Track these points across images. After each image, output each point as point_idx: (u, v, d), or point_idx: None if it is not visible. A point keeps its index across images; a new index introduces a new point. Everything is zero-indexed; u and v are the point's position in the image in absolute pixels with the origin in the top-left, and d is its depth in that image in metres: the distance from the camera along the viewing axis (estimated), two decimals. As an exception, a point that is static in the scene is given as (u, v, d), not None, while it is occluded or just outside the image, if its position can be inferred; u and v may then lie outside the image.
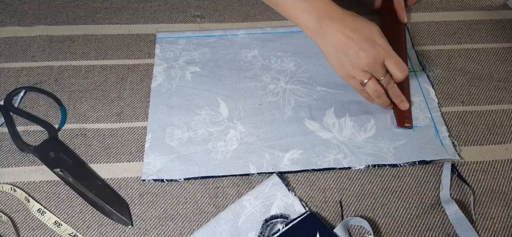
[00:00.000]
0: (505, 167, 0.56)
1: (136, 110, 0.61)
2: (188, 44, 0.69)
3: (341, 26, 0.54)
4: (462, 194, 0.54)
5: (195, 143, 0.57)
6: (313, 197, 0.53)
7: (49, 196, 0.53)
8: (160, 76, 0.64)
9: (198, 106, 0.61)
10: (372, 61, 0.54)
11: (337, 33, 0.54)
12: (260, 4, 0.75)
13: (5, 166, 0.55)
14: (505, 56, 0.69)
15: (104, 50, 0.68)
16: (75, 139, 0.58)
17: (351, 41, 0.54)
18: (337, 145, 0.57)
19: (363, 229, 0.51)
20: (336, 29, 0.54)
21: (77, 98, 0.62)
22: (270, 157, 0.56)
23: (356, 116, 0.60)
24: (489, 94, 0.64)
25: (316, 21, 0.55)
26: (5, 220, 0.50)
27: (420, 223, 0.51)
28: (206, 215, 0.52)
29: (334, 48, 0.55)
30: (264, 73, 0.65)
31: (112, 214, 0.51)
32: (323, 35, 0.55)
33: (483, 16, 0.75)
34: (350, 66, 0.55)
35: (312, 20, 0.55)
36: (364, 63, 0.54)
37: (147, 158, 0.56)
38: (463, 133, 0.59)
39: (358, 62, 0.54)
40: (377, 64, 0.55)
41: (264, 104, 0.62)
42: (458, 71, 0.66)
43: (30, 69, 0.65)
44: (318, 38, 0.56)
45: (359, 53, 0.54)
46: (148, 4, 0.75)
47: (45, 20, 0.71)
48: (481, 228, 0.51)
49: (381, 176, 0.55)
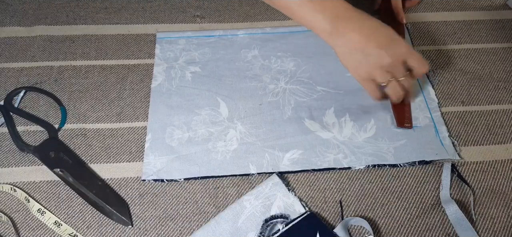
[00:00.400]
0: (505, 167, 0.56)
1: (136, 110, 0.61)
2: (188, 44, 0.69)
3: (358, 26, 0.52)
4: (462, 194, 0.54)
5: (195, 143, 0.57)
6: (313, 197, 0.53)
7: (49, 196, 0.53)
8: (160, 76, 0.64)
9: (198, 106, 0.61)
10: (394, 60, 0.52)
11: (354, 33, 0.51)
12: (260, 4, 0.75)
13: (5, 166, 0.55)
14: (505, 56, 0.69)
15: (104, 50, 0.68)
16: (75, 139, 0.58)
17: (371, 41, 0.51)
18: (337, 145, 0.57)
19: (363, 229, 0.51)
20: (352, 29, 0.51)
21: (77, 98, 0.62)
22: (270, 157, 0.56)
23: (356, 116, 0.60)
24: (489, 94, 0.64)
25: (331, 21, 0.52)
26: (5, 220, 0.50)
27: (420, 223, 0.51)
28: (206, 215, 0.52)
29: (351, 49, 0.52)
30: (264, 73, 0.65)
31: (112, 214, 0.51)
32: (339, 36, 0.52)
33: (483, 16, 0.75)
34: (370, 67, 0.52)
35: (327, 21, 0.52)
36: (386, 62, 0.52)
37: (147, 158, 0.56)
38: (463, 133, 0.59)
39: (380, 61, 0.52)
40: (399, 62, 0.52)
41: (264, 104, 0.62)
42: (458, 71, 0.66)
43: (30, 69, 0.65)
44: (333, 40, 0.53)
45: (380, 52, 0.51)
46: (148, 4, 0.75)
47: (45, 20, 0.71)
48: (481, 228, 0.51)
49: (381, 176, 0.55)
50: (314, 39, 0.70)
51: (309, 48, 0.68)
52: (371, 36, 0.51)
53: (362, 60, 0.52)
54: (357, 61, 0.53)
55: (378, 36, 0.52)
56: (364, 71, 0.53)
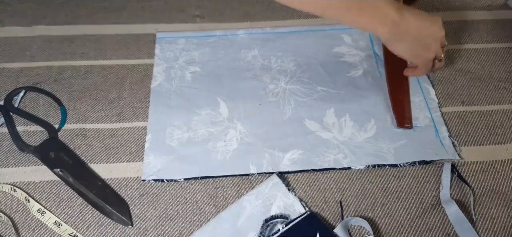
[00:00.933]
0: (505, 167, 0.56)
1: (136, 110, 0.61)
2: (188, 44, 0.69)
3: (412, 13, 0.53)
4: (462, 194, 0.54)
5: (195, 143, 0.57)
6: (313, 197, 0.53)
7: (49, 196, 0.53)
8: (160, 76, 0.64)
9: (198, 106, 0.61)
10: (444, 32, 0.55)
11: (412, 17, 0.53)
12: (260, 4, 0.75)
13: (5, 166, 0.55)
14: (505, 56, 0.69)
15: (103, 50, 0.68)
16: (75, 139, 0.58)
17: (428, 22, 0.54)
18: (337, 145, 0.57)
19: (363, 229, 0.51)
20: (410, 13, 0.52)
21: (77, 98, 0.62)
22: (270, 157, 0.56)
23: (356, 116, 0.60)
24: (489, 94, 0.64)
25: (397, 10, 0.51)
26: (5, 220, 0.50)
27: (420, 223, 0.51)
28: (206, 215, 0.52)
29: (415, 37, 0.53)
30: (264, 73, 0.65)
31: (112, 214, 0.51)
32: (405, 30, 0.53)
33: (483, 16, 0.75)
34: (436, 45, 0.55)
35: (393, 12, 0.51)
36: (443, 35, 0.55)
37: (147, 158, 0.55)
38: (463, 133, 0.59)
39: (440, 36, 0.55)
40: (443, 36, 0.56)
41: (264, 104, 0.62)
42: (458, 71, 0.66)
43: (30, 69, 0.65)
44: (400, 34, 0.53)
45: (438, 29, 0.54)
46: (148, 4, 0.75)
47: (45, 20, 0.71)
48: (481, 228, 0.51)
49: (381, 176, 0.55)
50: (314, 39, 0.70)
51: (309, 48, 0.68)
52: (422, 15, 0.54)
53: (432, 42, 0.55)
54: (422, 42, 0.54)
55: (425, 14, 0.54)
56: (430, 49, 0.55)
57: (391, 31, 0.52)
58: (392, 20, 0.51)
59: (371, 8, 0.51)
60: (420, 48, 0.55)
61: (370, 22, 0.52)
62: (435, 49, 0.56)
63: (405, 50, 0.55)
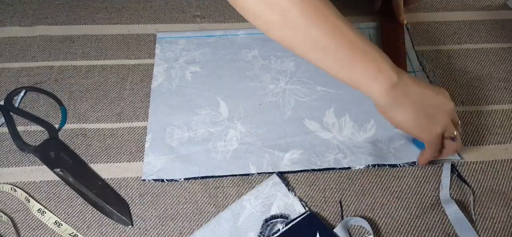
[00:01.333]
0: (505, 167, 0.56)
1: (136, 110, 0.61)
2: (188, 44, 0.69)
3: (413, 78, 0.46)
4: (462, 194, 0.54)
5: (195, 143, 0.57)
6: (313, 197, 0.53)
7: (49, 196, 0.53)
8: (160, 76, 0.64)
9: (198, 106, 0.61)
10: (453, 105, 0.48)
11: (412, 82, 0.45)
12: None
13: (5, 166, 0.55)
14: (505, 56, 0.69)
15: (104, 50, 0.68)
16: (75, 139, 0.58)
17: (432, 91, 0.46)
18: (337, 145, 0.57)
19: (363, 229, 0.51)
20: (410, 78, 0.45)
21: (77, 98, 0.62)
22: (270, 157, 0.56)
23: (356, 116, 0.60)
24: (489, 94, 0.64)
25: (395, 70, 0.44)
26: (5, 220, 0.50)
27: (420, 223, 0.51)
28: (206, 215, 0.52)
29: (417, 104, 0.45)
30: (264, 73, 0.65)
31: (112, 214, 0.51)
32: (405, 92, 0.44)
33: (483, 16, 0.75)
34: (444, 118, 0.47)
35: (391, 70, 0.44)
36: (452, 108, 0.48)
37: (147, 158, 0.56)
38: (463, 133, 0.59)
39: (449, 108, 0.47)
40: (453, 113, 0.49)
41: (264, 104, 0.62)
42: (458, 71, 0.66)
43: (30, 69, 0.65)
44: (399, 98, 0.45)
45: (445, 99, 0.47)
46: (148, 4, 0.75)
47: (45, 20, 0.71)
48: (481, 228, 0.51)
49: (381, 176, 0.55)
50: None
51: (309, 48, 0.68)
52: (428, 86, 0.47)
53: (432, 111, 0.46)
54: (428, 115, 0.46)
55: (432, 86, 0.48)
56: (438, 123, 0.47)
57: (388, 92, 0.44)
58: (390, 78, 0.43)
59: (365, 60, 0.43)
60: (424, 117, 0.46)
61: (362, 77, 0.44)
62: (443, 123, 0.47)
63: (407, 118, 0.46)
